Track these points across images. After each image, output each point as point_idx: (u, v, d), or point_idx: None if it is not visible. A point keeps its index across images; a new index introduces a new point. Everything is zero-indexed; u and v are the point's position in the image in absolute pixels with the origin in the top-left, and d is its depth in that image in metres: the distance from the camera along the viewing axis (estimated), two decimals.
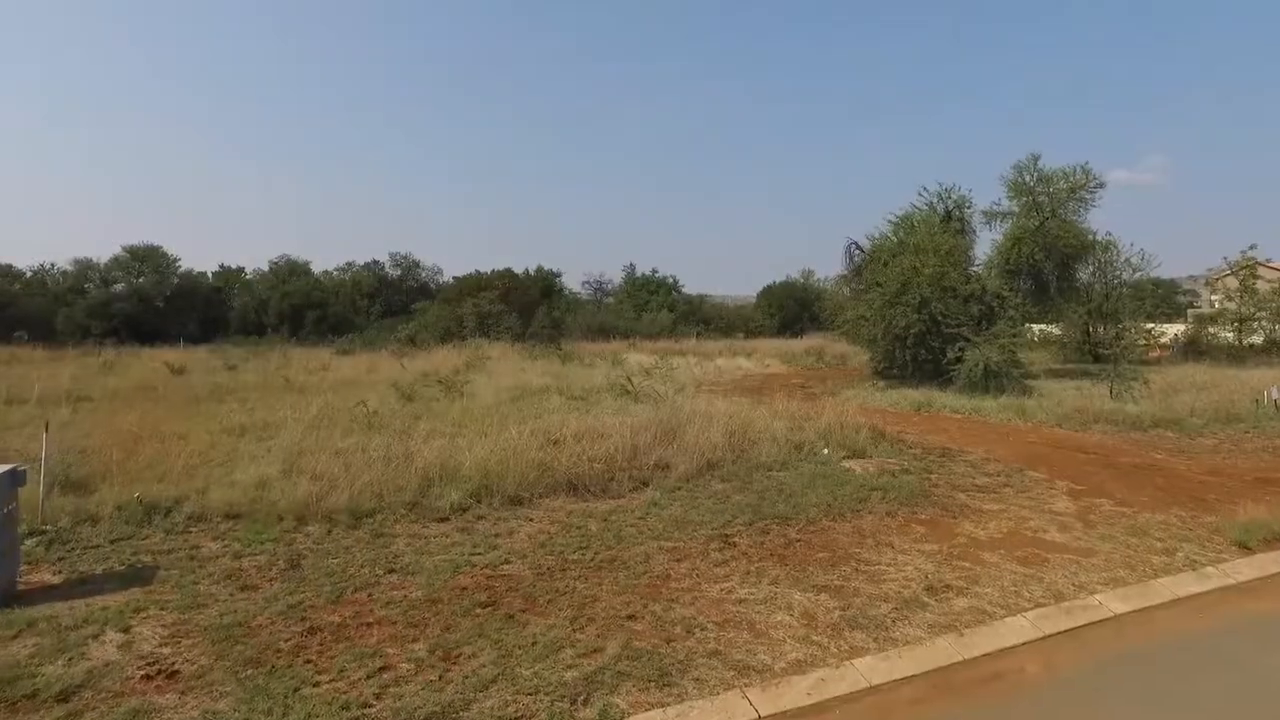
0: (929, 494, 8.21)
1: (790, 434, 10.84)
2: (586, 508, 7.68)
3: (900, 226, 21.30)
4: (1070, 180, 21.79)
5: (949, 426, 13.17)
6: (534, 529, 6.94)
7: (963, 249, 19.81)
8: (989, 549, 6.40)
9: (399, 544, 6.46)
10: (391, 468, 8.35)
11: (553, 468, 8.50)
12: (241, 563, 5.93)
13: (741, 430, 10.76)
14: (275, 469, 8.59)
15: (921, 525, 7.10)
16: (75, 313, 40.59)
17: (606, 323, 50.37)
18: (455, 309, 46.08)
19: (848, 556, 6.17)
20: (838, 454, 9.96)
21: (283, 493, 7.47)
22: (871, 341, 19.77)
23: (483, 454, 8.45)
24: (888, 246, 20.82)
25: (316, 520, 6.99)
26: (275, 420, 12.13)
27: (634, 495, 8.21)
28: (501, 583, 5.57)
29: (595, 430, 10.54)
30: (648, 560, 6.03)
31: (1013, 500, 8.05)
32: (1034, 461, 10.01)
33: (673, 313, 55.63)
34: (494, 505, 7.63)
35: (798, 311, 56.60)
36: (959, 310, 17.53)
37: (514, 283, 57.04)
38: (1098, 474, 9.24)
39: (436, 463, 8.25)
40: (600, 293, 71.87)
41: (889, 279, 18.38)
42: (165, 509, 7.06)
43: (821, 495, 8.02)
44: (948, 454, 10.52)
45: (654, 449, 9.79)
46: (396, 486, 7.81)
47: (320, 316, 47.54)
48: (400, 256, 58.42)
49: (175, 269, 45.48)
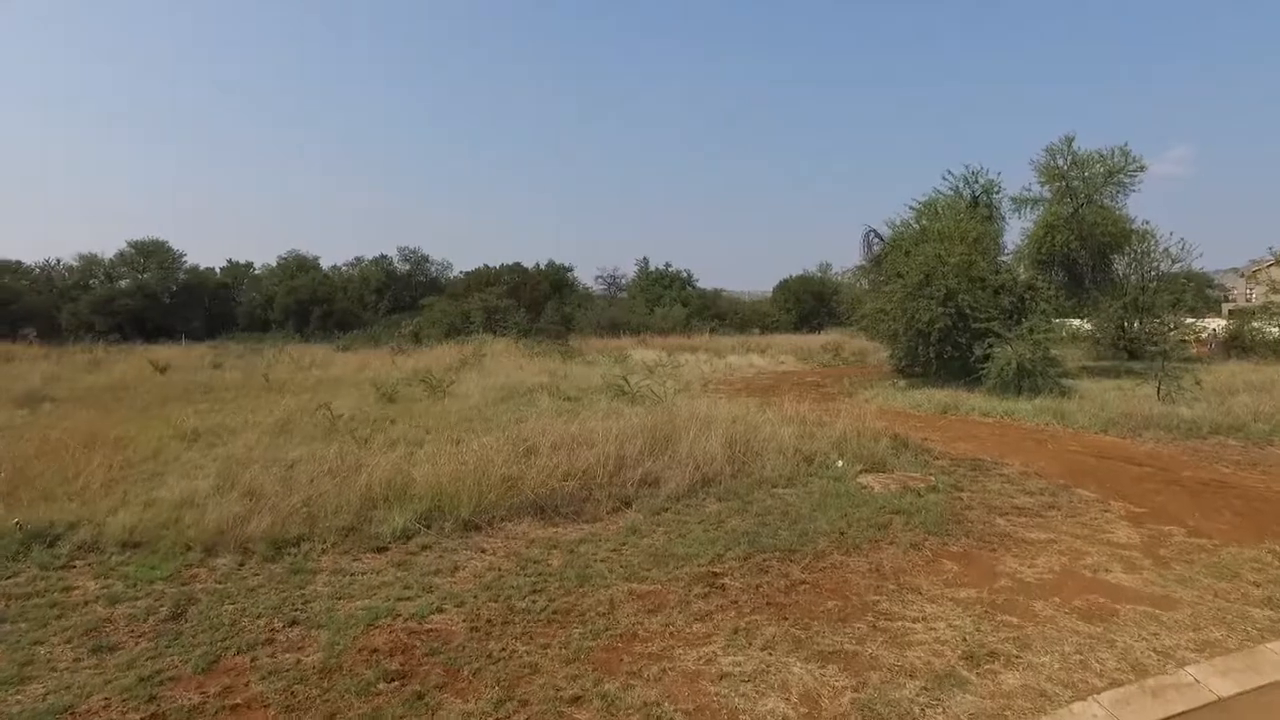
0: (961, 519, 6.94)
1: (800, 443, 9.60)
2: (553, 535, 6.50)
3: (923, 213, 19.88)
4: (1107, 163, 20.24)
5: (979, 432, 11.85)
6: (484, 564, 5.77)
7: (992, 236, 18.37)
8: (1040, 596, 5.14)
9: (317, 584, 5.32)
10: (336, 482, 7.24)
11: (520, 485, 7.33)
12: (114, 611, 4.81)
13: (744, 438, 9.54)
14: (209, 483, 7.52)
15: (954, 561, 5.85)
16: (80, 309, 40.10)
17: (618, 318, 49.33)
18: (462, 304, 45.27)
19: (864, 607, 4.94)
20: (853, 467, 8.70)
21: (202, 515, 6.36)
22: (892, 337, 18.42)
23: (442, 468, 7.29)
24: (910, 234, 19.42)
25: (230, 550, 5.87)
26: (235, 424, 11.10)
27: (613, 518, 7.02)
28: (424, 642, 4.41)
29: (578, 438, 9.38)
30: (612, 611, 4.84)
31: (1062, 527, 6.76)
32: (1081, 476, 8.70)
33: (686, 308, 54.52)
34: (445, 531, 6.47)
35: (815, 306, 55.32)
36: (988, 302, 16.13)
37: (523, 278, 56.12)
38: (1159, 493, 7.93)
39: (384, 479, 7.11)
40: (613, 287, 70.87)
41: (911, 269, 17.01)
42: (52, 536, 5.97)
43: (833, 520, 6.79)
44: (980, 466, 9.24)
45: (642, 461, 8.59)
46: (335, 507, 6.68)
47: (326, 312, 46.83)
48: (409, 251, 57.65)
49: (180, 265, 44.84)
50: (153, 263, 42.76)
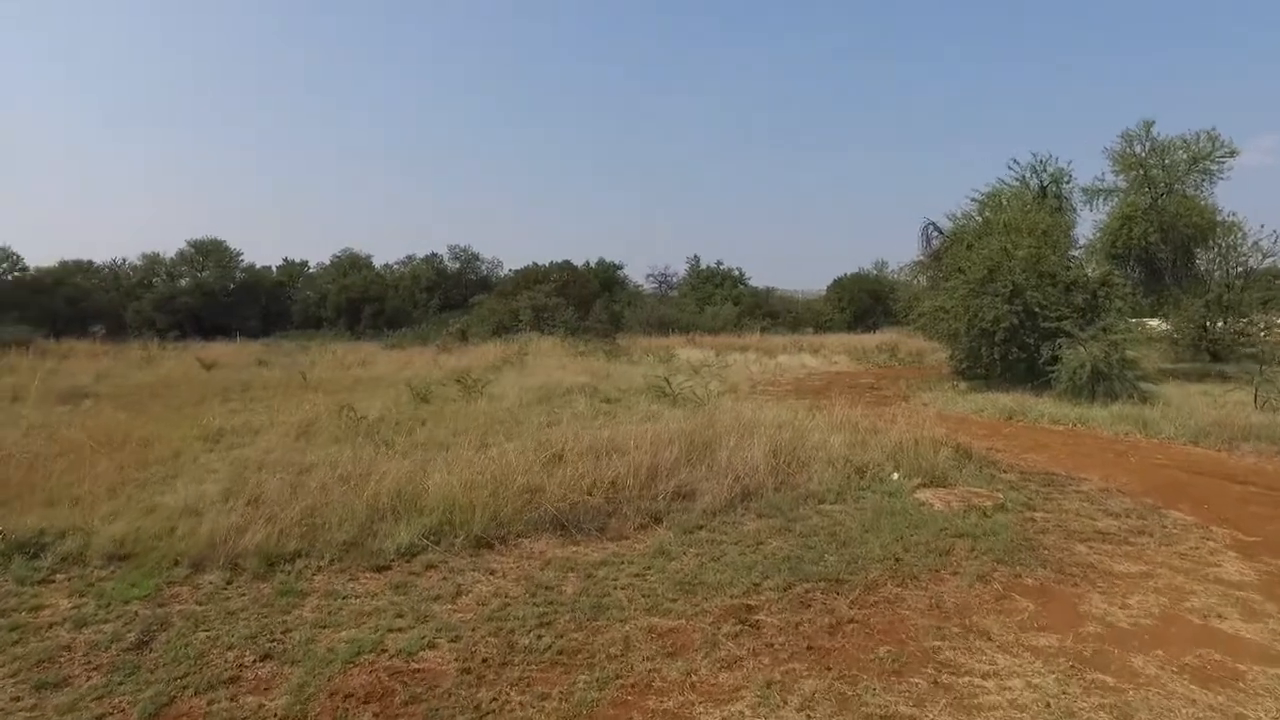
0: (1035, 545, 6.08)
1: (851, 452, 8.79)
2: (572, 555, 5.89)
3: (987, 204, 18.66)
4: (1192, 149, 18.67)
5: (1050, 441, 10.82)
6: (490, 588, 5.18)
7: (1063, 228, 17.07)
8: (1139, 648, 4.30)
9: (305, 608, 4.81)
10: (345, 490, 6.76)
11: (541, 496, 6.74)
12: (78, 636, 4.37)
13: (789, 447, 8.79)
14: (218, 488, 7.14)
15: (1029, 598, 5.03)
16: (143, 307, 41.33)
17: (667, 316, 48.74)
18: (510, 302, 45.25)
19: (923, 656, 4.18)
20: (910, 480, 7.87)
21: (198, 525, 5.94)
22: (952, 336, 17.31)
23: (456, 477, 6.74)
24: (972, 227, 18.25)
25: (219, 565, 5.41)
26: (261, 424, 10.81)
27: (640, 536, 6.37)
28: (406, 686, 3.83)
29: (610, 444, 8.76)
30: (626, 653, 4.19)
31: (1156, 557, 5.85)
32: (1173, 495, 7.69)
33: (737, 306, 53.61)
34: (454, 548, 5.92)
35: (870, 305, 53.75)
36: (1059, 300, 14.92)
37: (572, 275, 55.88)
38: (1272, 519, 6.90)
39: (393, 489, 6.59)
40: (664, 286, 70.36)
41: (974, 264, 15.88)
42: (37, 546, 5.61)
43: (887, 543, 6.01)
44: (1053, 481, 8.29)
45: (677, 470, 7.93)
46: (340, 519, 6.19)
47: (378, 310, 47.35)
48: (459, 249, 58.02)
49: (238, 263, 45.88)
50: (211, 261, 43.91)
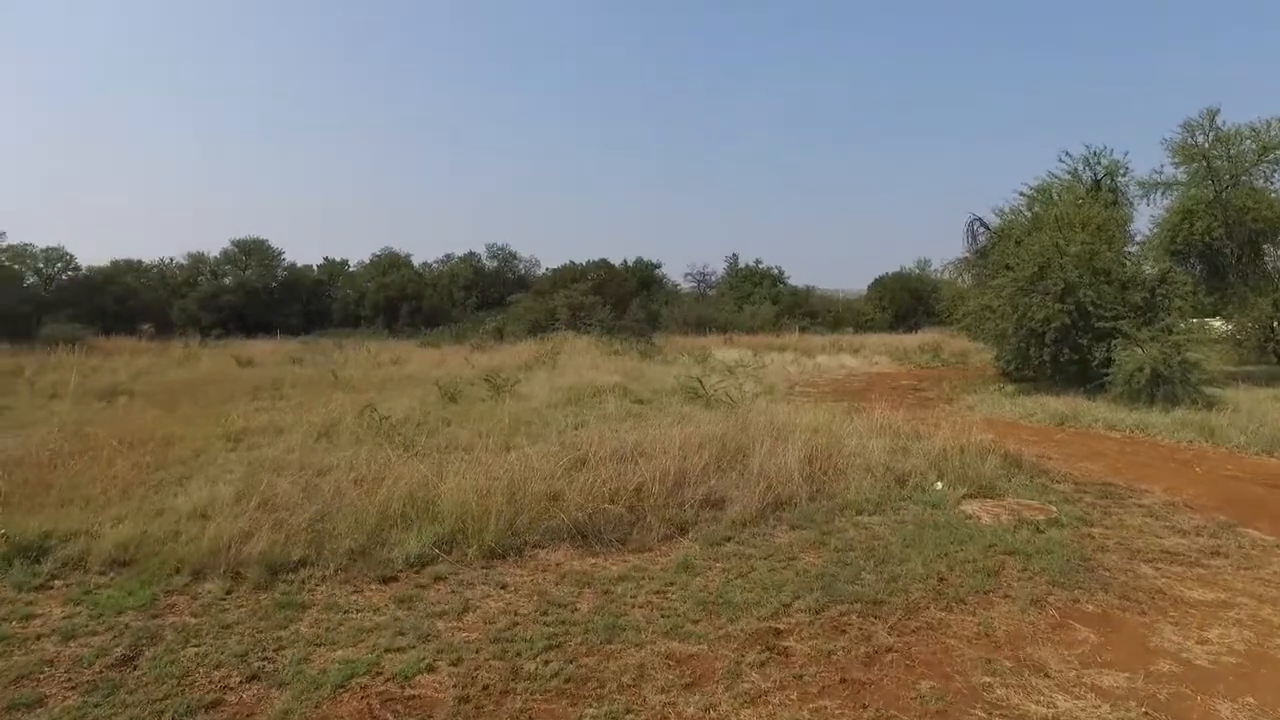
0: (1094, 565, 5.55)
1: (891, 459, 8.31)
2: (590, 568, 5.54)
3: (1035, 199, 17.83)
4: (1262, 138, 17.60)
5: (1106, 449, 10.16)
6: (500, 604, 4.86)
7: (1119, 222, 16.19)
8: (1223, 692, 3.79)
9: (302, 623, 4.54)
10: (359, 495, 6.52)
11: (560, 504, 6.41)
12: (64, 650, 4.15)
13: (825, 452, 8.34)
14: (231, 491, 6.96)
15: (1090, 626, 4.53)
16: (188, 305, 42.24)
17: (705, 315, 48.34)
18: (547, 301, 45.27)
19: (970, 694, 3.74)
20: (955, 491, 7.35)
21: (203, 530, 5.74)
22: (999, 337, 16.56)
23: (470, 483, 6.44)
24: (1020, 223, 17.46)
25: (221, 574, 5.19)
26: (286, 423, 10.70)
27: (664, 548, 6.00)
28: (398, 715, 3.52)
29: (638, 447, 8.42)
30: (640, 683, 3.82)
31: (1234, 583, 5.28)
32: (1248, 511, 7.06)
33: (776, 305, 52.97)
34: (466, 558, 5.62)
35: (911, 304, 52.69)
36: (1114, 298, 14.12)
37: (609, 274, 55.74)
38: None
39: (406, 494, 6.32)
40: (703, 285, 69.95)
41: (1023, 261, 15.12)
42: (40, 550, 5.45)
43: (930, 560, 5.55)
44: (1111, 493, 7.70)
45: (706, 477, 7.54)
46: (350, 525, 5.94)
47: (415, 308, 47.73)
48: (497, 248, 58.31)
49: (280, 262, 46.67)
50: (254, 260, 44.78)
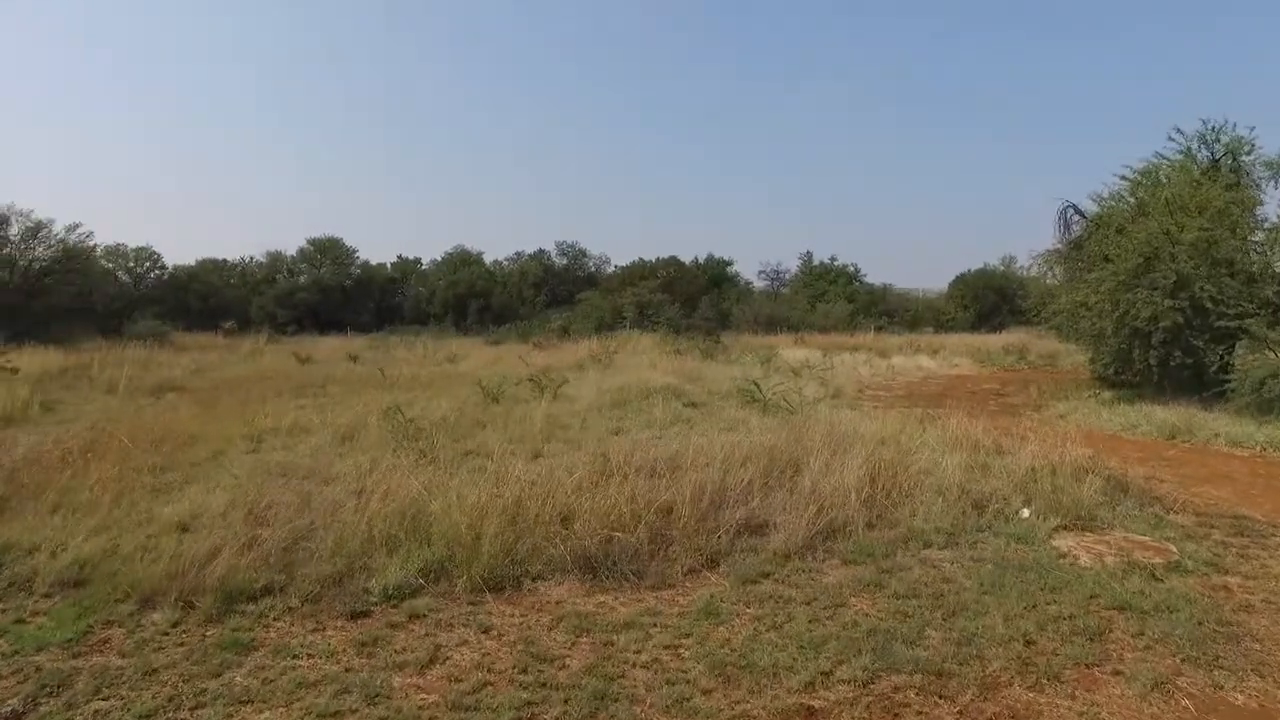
0: (1237, 632, 4.33)
1: (968, 478, 7.14)
2: (595, 609, 4.68)
3: (1140, 183, 15.94)
4: None
5: (1232, 471, 8.65)
6: (475, 655, 4.05)
7: (1244, 206, 14.21)
8: None
9: (242, 669, 3.84)
10: (355, 508, 5.86)
11: (574, 524, 5.58)
12: None
13: (890, 469, 7.25)
14: (224, 499, 6.43)
15: None
16: (265, 302, 43.47)
17: (777, 314, 46.95)
18: (615, 299, 44.86)
19: None
20: (1046, 521, 6.15)
21: (177, 546, 5.16)
22: (1096, 337, 14.84)
23: (469, 499, 5.67)
24: (1122, 209, 15.65)
25: (170, 603, 4.56)
26: (314, 423, 10.26)
27: (688, 584, 5.09)
28: None
29: (676, 459, 7.56)
30: None
31: None
32: None
33: (851, 304, 51.06)
34: (453, 591, 4.85)
35: (996, 302, 49.87)
36: (1239, 293, 12.32)
37: (679, 271, 54.95)
38: None
39: (398, 511, 5.60)
40: (776, 283, 68.45)
41: (1126, 250, 13.40)
42: None
43: (1014, 614, 4.46)
44: (1247, 528, 6.34)
45: (749, 496, 6.60)
46: (332, 546, 5.26)
47: (483, 306, 47.94)
48: (567, 245, 58.28)
49: (353, 260, 47.62)
50: (328, 259, 45.79)
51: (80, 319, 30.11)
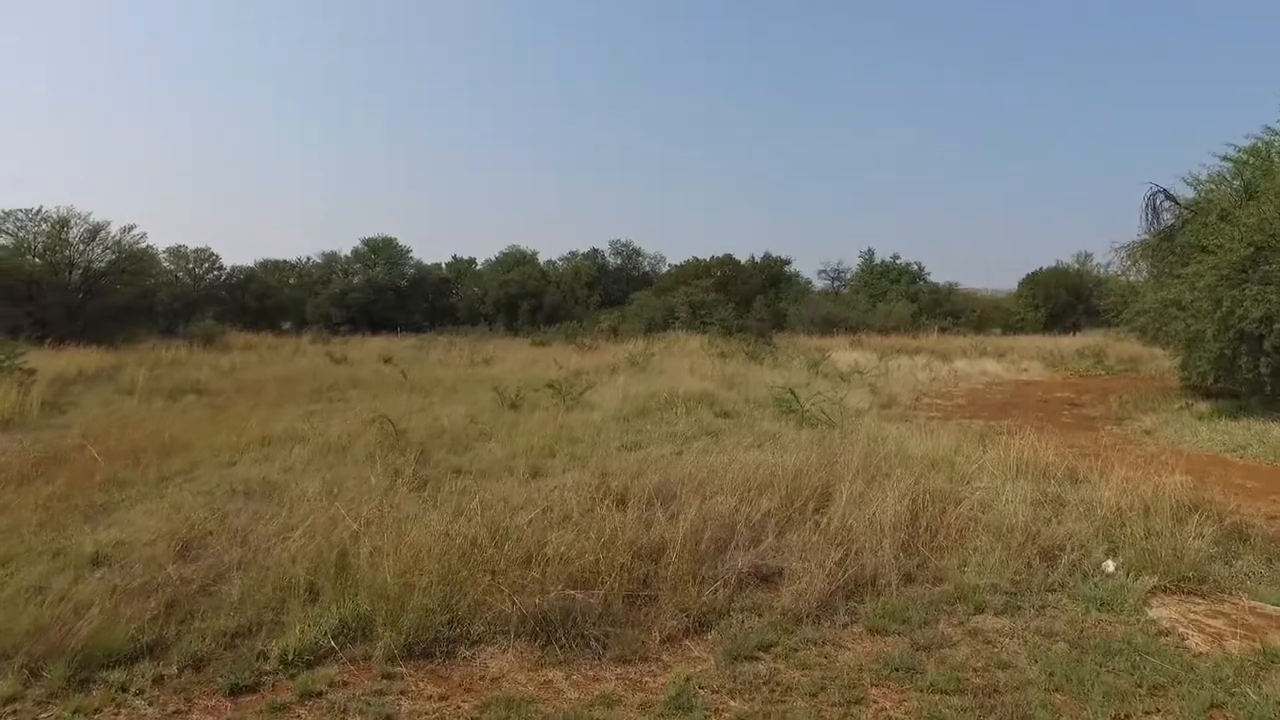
0: None
1: (1036, 516, 5.83)
2: (537, 691, 3.63)
3: (1247, 163, 14.01)
4: None
5: None
6: None
7: None
8: None
9: None
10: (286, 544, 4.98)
11: (533, 570, 4.55)
12: None
13: (938, 502, 6.02)
14: (160, 526, 5.66)
15: None
16: (320, 302, 44.02)
17: (835, 314, 45.27)
18: (667, 298, 44.02)
19: None
20: (1138, 580, 4.81)
21: (66, 591, 4.36)
22: (1191, 340, 13.06)
23: (417, 535, 4.70)
24: (1225, 193, 13.78)
25: (15, 669, 3.70)
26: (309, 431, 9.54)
27: (665, 658, 4.01)
28: None
29: (687, 481, 6.51)
30: None
31: None
32: None
33: (914, 303, 48.88)
34: (368, 660, 3.88)
35: (1069, 302, 47.11)
36: None
37: (734, 270, 53.62)
38: None
39: (317, 553, 4.67)
40: (836, 282, 66.47)
41: (1232, 240, 11.65)
42: None
43: None
44: None
45: (763, 533, 5.49)
46: (239, 595, 4.38)
47: (535, 306, 47.63)
48: (620, 244, 57.68)
49: (407, 260, 47.89)
50: (381, 259, 46.14)
51: (142, 319, 30.80)
